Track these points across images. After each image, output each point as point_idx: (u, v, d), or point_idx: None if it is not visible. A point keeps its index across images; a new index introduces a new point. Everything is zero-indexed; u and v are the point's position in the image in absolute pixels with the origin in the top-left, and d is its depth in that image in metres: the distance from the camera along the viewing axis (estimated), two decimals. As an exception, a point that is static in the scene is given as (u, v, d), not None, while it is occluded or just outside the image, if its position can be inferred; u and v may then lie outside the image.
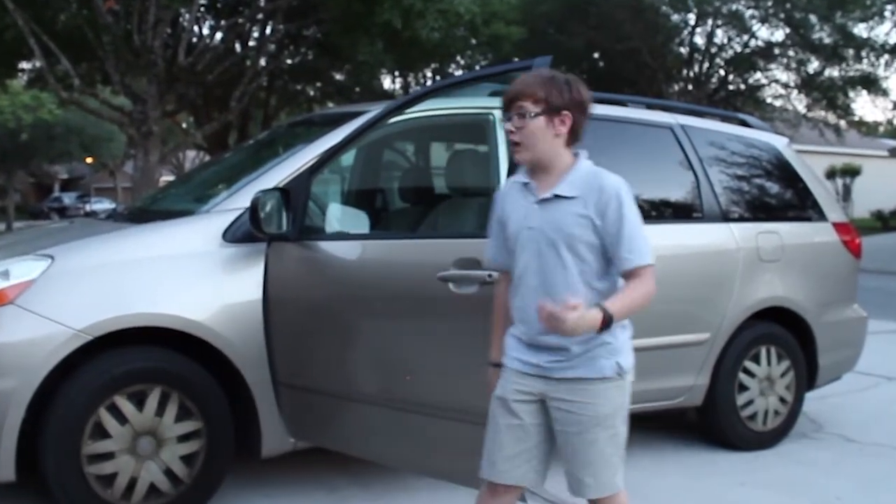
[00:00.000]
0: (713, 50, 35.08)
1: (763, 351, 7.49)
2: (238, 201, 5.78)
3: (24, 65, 25.19)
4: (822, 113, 36.68)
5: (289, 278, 5.66)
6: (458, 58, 31.14)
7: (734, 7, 31.76)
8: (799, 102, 37.15)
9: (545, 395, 4.01)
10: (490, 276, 4.73)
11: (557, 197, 3.98)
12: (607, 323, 3.72)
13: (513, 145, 4.10)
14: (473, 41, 26.35)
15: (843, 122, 36.94)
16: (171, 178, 39.92)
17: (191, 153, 51.84)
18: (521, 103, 4.01)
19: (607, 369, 3.97)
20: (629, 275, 4.05)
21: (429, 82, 34.22)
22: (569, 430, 3.98)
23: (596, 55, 36.46)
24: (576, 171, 4.04)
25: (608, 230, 3.94)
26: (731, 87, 37.08)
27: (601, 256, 4.02)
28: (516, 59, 23.03)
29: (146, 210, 7.18)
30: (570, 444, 3.99)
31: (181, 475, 5.50)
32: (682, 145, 7.37)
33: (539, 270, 3.99)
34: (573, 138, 4.07)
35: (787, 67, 35.17)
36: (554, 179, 4.03)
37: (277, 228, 5.47)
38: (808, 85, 34.96)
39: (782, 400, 7.61)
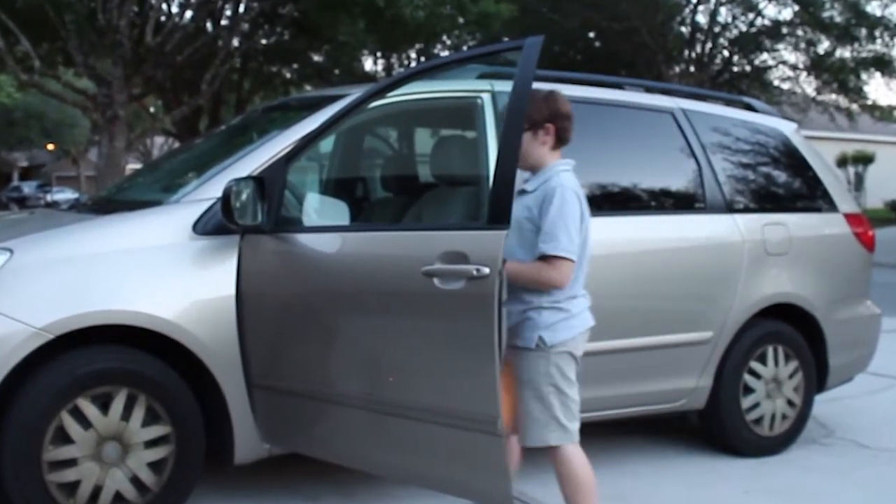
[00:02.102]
0: (717, 29, 35.17)
1: (770, 351, 7.50)
2: (209, 191, 5.75)
3: (-20, 45, 25.18)
4: (833, 96, 36.81)
5: (264, 273, 5.63)
6: (445, 38, 31.20)
7: (739, -17, 31.85)
8: (808, 85, 37.32)
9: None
10: (478, 270, 4.73)
11: (523, 191, 5.14)
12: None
13: None
14: (461, 20, 26.34)
15: (855, 106, 37.04)
16: (137, 166, 39.89)
17: (159, 139, 51.84)
18: None
19: (530, 341, 5.05)
20: (541, 260, 5.02)
21: (413, 64, 34.23)
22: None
23: (591, 35, 36.54)
24: (545, 172, 5.16)
25: (540, 221, 5.01)
26: (735, 69, 37.19)
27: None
28: (506, 39, 23.05)
29: (111, 200, 7.17)
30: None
31: (148, 483, 5.46)
32: (683, 131, 7.38)
33: (509, 249, 4.89)
34: (559, 143, 5.21)
35: (796, 48, 35.31)
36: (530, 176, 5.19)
37: (251, 220, 5.44)
38: (818, 66, 35.06)
39: (790, 403, 7.62)
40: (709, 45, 35.59)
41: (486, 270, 4.67)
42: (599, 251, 5.86)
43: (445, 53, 32.19)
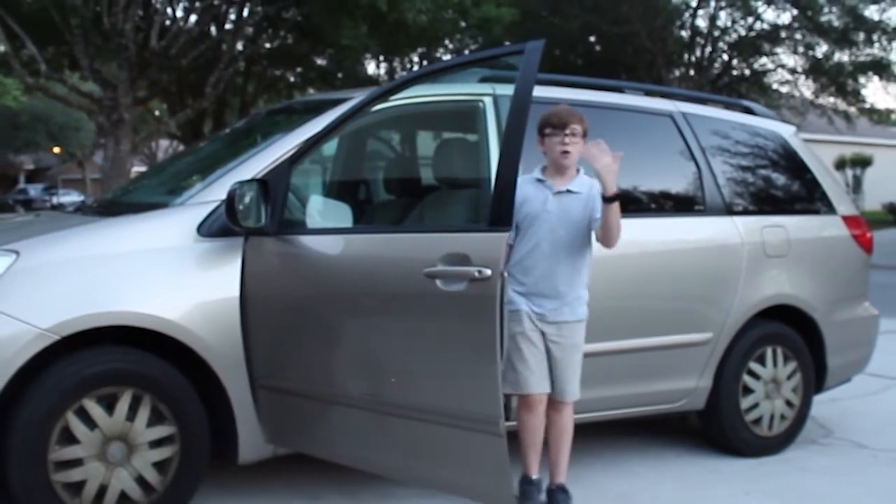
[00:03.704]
0: (716, 33, 35.14)
1: (769, 351, 7.50)
2: (214, 193, 5.75)
3: (-14, 49, 25.19)
4: (831, 100, 36.78)
5: (267, 274, 5.64)
6: (447, 42, 31.20)
7: (739, -12, 31.83)
8: (807, 88, 37.27)
9: (544, 331, 5.84)
10: (479, 272, 4.74)
11: (570, 191, 5.82)
12: (617, 196, 5.53)
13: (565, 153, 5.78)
14: (463, 24, 26.40)
15: (853, 110, 37.01)
16: (142, 168, 39.95)
17: (164, 142, 51.92)
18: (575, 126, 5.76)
19: (582, 314, 5.90)
20: None
21: (415, 67, 34.22)
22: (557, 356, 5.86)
23: (592, 39, 36.46)
24: (580, 177, 5.88)
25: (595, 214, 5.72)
26: (734, 73, 37.16)
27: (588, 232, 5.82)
28: (508, 43, 23.06)
29: (116, 203, 7.17)
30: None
31: (153, 483, 5.46)
32: (682, 134, 7.38)
33: (551, 241, 5.76)
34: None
35: (795, 51, 35.29)
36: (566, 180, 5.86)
37: (255, 222, 5.45)
38: (817, 70, 35.05)
39: (789, 403, 7.62)
40: (708, 48, 35.56)
41: (488, 272, 4.69)
42: (601, 253, 5.88)
43: (447, 57, 32.17)
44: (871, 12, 32.15)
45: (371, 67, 35.62)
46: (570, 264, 5.80)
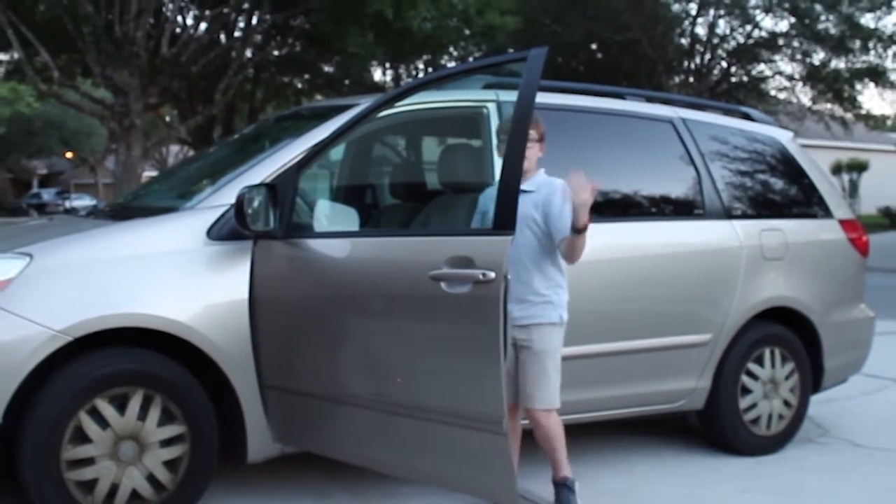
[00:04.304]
0: (715, 41, 35.13)
1: (767, 352, 7.49)
2: (223, 198, 5.75)
3: (1, 56, 25.21)
4: (828, 106, 36.79)
5: (276, 277, 5.64)
6: (451, 49, 31.20)
7: (737, -4, 31.84)
8: (804, 95, 37.28)
9: (515, 336, 5.57)
10: (483, 274, 4.74)
11: (524, 191, 5.38)
12: (585, 227, 5.27)
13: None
14: (467, 32, 26.41)
15: (849, 116, 37.02)
16: (153, 173, 39.94)
17: (174, 148, 51.88)
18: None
19: (554, 317, 5.62)
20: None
21: (421, 74, 34.23)
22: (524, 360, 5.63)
23: (594, 46, 36.50)
24: (537, 175, 5.71)
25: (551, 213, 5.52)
26: (733, 80, 37.16)
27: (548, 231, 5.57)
28: (511, 50, 23.04)
29: (128, 207, 7.17)
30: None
31: (164, 481, 5.47)
32: (682, 140, 7.38)
33: (517, 244, 5.28)
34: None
35: (792, 59, 35.30)
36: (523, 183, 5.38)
37: (264, 226, 5.45)
38: (814, 77, 35.04)
39: (787, 403, 7.61)
40: (707, 56, 35.55)
41: (492, 275, 4.69)
42: (602, 256, 5.91)
43: (452, 64, 32.18)
44: (867, 20, 32.18)
45: (377, 74, 35.70)
46: (533, 266, 5.60)
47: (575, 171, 5.27)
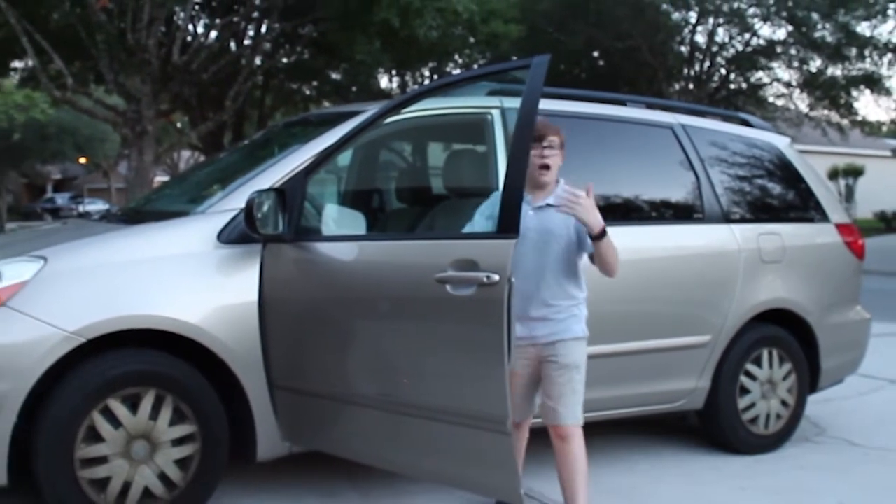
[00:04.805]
0: (714, 48, 35.07)
1: (765, 353, 7.50)
2: (233, 202, 5.76)
3: (17, 64, 25.21)
4: (825, 112, 36.72)
5: (284, 280, 5.65)
6: (457, 56, 31.17)
7: (736, 5, 31.78)
8: (801, 101, 37.22)
9: (539, 354, 5.40)
10: (488, 277, 4.74)
11: (549, 205, 5.35)
12: (604, 231, 5.15)
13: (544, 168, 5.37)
14: (472, 40, 26.34)
15: (845, 122, 36.98)
16: (165, 178, 39.98)
17: (185, 153, 51.87)
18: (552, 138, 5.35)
19: (578, 331, 5.42)
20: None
21: (426, 81, 34.22)
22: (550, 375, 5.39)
23: (595, 54, 36.43)
24: (559, 189, 5.38)
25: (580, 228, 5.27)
26: (732, 86, 37.10)
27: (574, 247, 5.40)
28: (515, 58, 23.08)
29: (140, 211, 7.18)
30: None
31: (175, 479, 5.48)
32: (682, 145, 7.38)
33: (534, 259, 5.31)
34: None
35: (790, 66, 35.21)
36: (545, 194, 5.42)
37: (273, 229, 5.46)
38: (811, 84, 34.98)
39: (784, 403, 7.61)
40: (707, 63, 35.50)
41: (496, 277, 4.69)
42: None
43: (457, 71, 32.16)
44: (863, 28, 32.10)
45: (384, 81, 35.67)
46: (556, 282, 5.39)
47: (562, 188, 5.34)
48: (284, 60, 27.58)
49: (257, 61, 24.13)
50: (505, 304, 4.72)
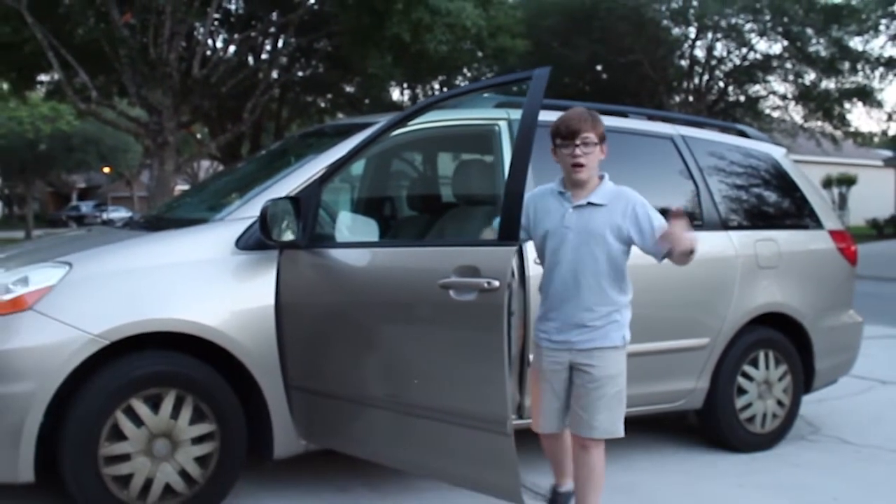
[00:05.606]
0: (713, 62, 35.07)
1: (761, 355, 7.49)
2: (251, 210, 5.76)
3: (43, 77, 25.29)
4: (819, 123, 36.71)
5: (300, 285, 5.65)
6: (465, 70, 31.21)
7: (733, 21, 31.77)
8: (796, 113, 37.21)
9: (572, 361, 5.10)
10: (488, 283, 4.74)
11: (591, 204, 5.07)
12: (693, 248, 4.93)
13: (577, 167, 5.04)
14: (480, 54, 26.44)
15: (839, 133, 36.96)
16: (185, 187, 40.01)
17: (205, 163, 52.00)
18: (586, 135, 5.02)
19: (617, 339, 5.08)
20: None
21: (436, 94, 34.22)
22: (585, 386, 5.09)
23: (599, 67, 36.46)
24: (603, 186, 5.14)
25: (641, 227, 5.09)
26: (730, 99, 37.10)
27: (620, 249, 5.10)
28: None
29: (161, 218, 7.18)
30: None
31: (195, 476, 5.49)
32: (682, 155, 7.38)
33: (573, 260, 5.04)
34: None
35: (785, 79, 35.21)
36: (586, 192, 5.11)
37: (289, 236, 5.48)
38: (806, 96, 34.98)
39: (780, 403, 7.60)
40: (706, 76, 35.50)
41: (496, 283, 4.70)
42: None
43: (465, 83, 32.18)
44: (856, 43, 32.10)
45: (395, 94, 35.70)
46: (596, 286, 5.03)
47: (607, 185, 5.17)
48: (300, 74, 27.65)
49: (274, 75, 24.18)
50: (505, 308, 4.72)
